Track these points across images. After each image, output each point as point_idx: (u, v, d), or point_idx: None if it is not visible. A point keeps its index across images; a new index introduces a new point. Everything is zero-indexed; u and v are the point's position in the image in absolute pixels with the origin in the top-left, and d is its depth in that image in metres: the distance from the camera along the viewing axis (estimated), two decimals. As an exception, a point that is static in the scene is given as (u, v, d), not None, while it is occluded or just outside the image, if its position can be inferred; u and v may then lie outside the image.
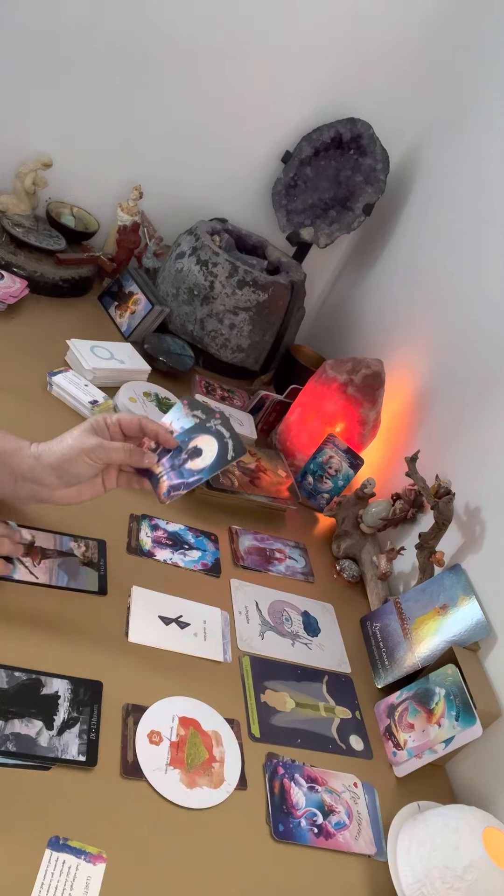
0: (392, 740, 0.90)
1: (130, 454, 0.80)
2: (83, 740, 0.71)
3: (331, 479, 1.26)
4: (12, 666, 0.74)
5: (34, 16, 1.30)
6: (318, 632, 1.02)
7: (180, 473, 0.83)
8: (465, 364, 1.18)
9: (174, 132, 1.48)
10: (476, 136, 1.31)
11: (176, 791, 0.72)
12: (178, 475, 0.83)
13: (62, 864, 0.62)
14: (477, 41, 1.38)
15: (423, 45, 1.46)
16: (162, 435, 0.83)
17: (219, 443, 0.83)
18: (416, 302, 1.38)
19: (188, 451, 0.83)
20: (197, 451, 0.83)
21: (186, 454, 0.83)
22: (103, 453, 0.78)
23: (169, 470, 0.83)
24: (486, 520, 1.01)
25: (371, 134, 1.45)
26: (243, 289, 1.35)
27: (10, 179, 1.40)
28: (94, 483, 0.81)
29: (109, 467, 0.81)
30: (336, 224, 1.52)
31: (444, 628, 0.96)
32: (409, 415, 1.29)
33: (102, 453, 0.78)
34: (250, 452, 1.23)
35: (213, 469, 0.82)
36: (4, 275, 1.29)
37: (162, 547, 1.00)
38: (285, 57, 1.43)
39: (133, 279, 1.42)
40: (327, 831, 0.77)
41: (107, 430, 0.81)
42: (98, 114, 1.43)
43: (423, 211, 1.44)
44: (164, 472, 0.83)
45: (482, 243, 1.22)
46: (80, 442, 0.78)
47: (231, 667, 0.89)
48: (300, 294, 1.46)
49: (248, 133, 1.51)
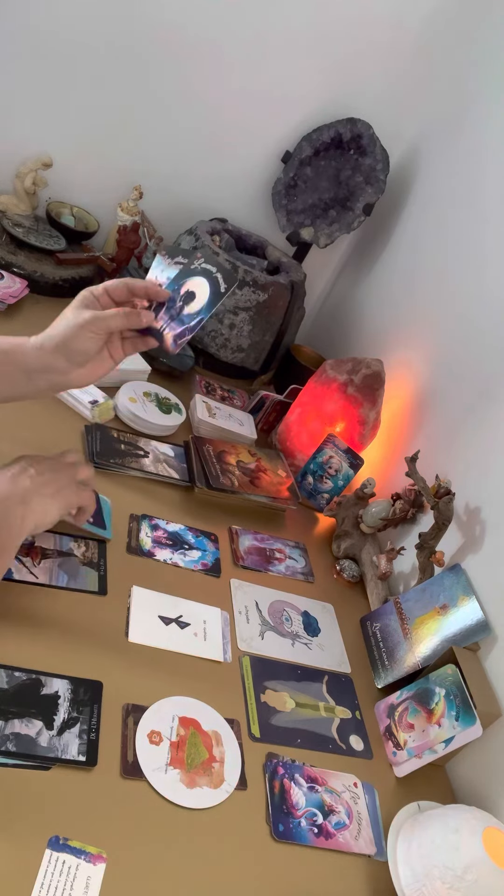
0: (392, 740, 0.90)
1: (127, 317, 0.80)
2: (83, 740, 0.71)
3: (331, 479, 1.26)
4: (12, 666, 0.74)
5: (34, 16, 1.30)
6: (318, 632, 1.02)
7: (181, 321, 0.83)
8: (465, 364, 1.18)
9: (174, 132, 1.48)
10: (476, 136, 1.31)
11: (176, 791, 0.72)
12: (179, 323, 0.83)
13: (62, 864, 0.62)
14: (477, 41, 1.38)
15: (423, 45, 1.46)
16: (151, 289, 0.83)
17: (208, 280, 0.83)
18: (416, 302, 1.38)
19: (181, 297, 0.83)
20: (190, 295, 0.83)
21: (181, 301, 0.83)
22: (101, 322, 0.78)
23: (169, 322, 0.84)
24: (486, 520, 1.01)
25: (371, 134, 1.45)
26: (243, 289, 1.35)
27: (10, 179, 1.40)
28: (102, 357, 0.81)
29: (112, 337, 0.82)
30: (336, 224, 1.52)
31: (444, 628, 0.96)
32: (409, 415, 1.29)
33: (100, 322, 0.78)
34: (250, 452, 1.23)
35: (211, 306, 0.83)
36: (4, 275, 1.29)
37: (162, 547, 1.00)
38: (285, 57, 1.43)
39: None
40: (327, 831, 0.77)
41: (97, 302, 0.81)
42: (98, 114, 1.43)
43: (423, 211, 1.44)
44: (164, 326, 0.84)
45: (482, 243, 1.22)
46: (77, 318, 0.78)
47: (231, 667, 0.89)
48: (300, 294, 1.46)
49: (248, 133, 1.51)
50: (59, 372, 0.79)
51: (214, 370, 1.45)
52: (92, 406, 1.12)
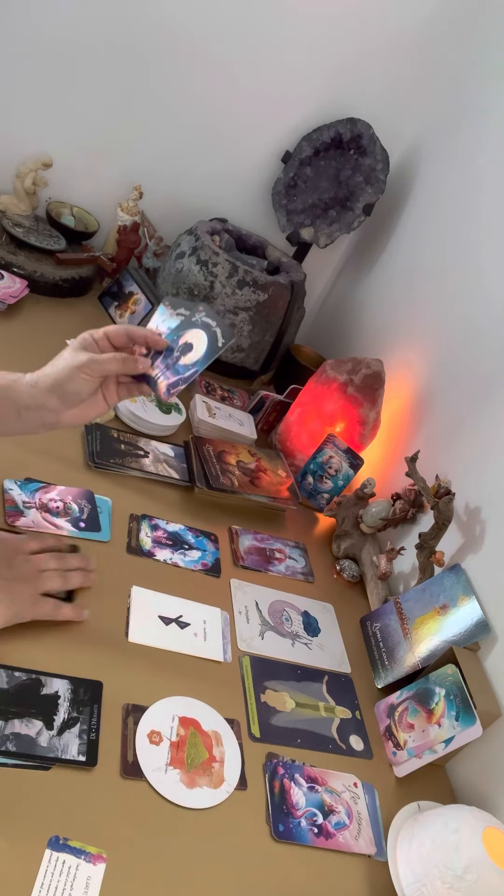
0: (392, 740, 0.90)
1: (123, 362, 0.80)
2: (83, 740, 0.71)
3: (331, 479, 1.26)
4: (12, 666, 0.74)
5: (34, 16, 1.30)
6: (318, 632, 1.02)
7: (176, 370, 0.84)
8: (465, 364, 1.18)
9: (174, 132, 1.48)
10: (476, 136, 1.31)
11: (176, 791, 0.72)
12: (174, 372, 0.84)
13: (62, 864, 0.62)
14: (477, 41, 1.38)
15: (423, 44, 1.45)
16: (150, 338, 0.83)
17: (207, 333, 0.84)
18: (416, 302, 1.38)
19: (179, 348, 0.84)
20: (188, 347, 0.84)
21: (178, 351, 0.84)
22: (97, 366, 0.78)
23: (164, 370, 0.84)
24: (486, 520, 1.01)
25: (371, 134, 1.45)
26: (243, 289, 1.35)
27: (10, 179, 1.40)
28: (96, 399, 0.81)
29: (107, 381, 0.82)
30: (336, 224, 1.52)
31: (444, 628, 0.96)
32: (409, 415, 1.29)
33: (96, 366, 0.78)
34: (250, 452, 1.23)
35: (207, 359, 0.84)
36: (4, 275, 1.29)
37: (162, 547, 1.00)
38: (285, 57, 1.43)
39: (133, 279, 1.42)
40: (327, 831, 0.77)
41: (96, 345, 0.81)
42: (98, 114, 1.43)
43: (423, 211, 1.44)
44: (159, 374, 0.84)
45: (482, 243, 1.22)
46: (73, 360, 0.78)
47: (231, 667, 0.89)
48: (300, 294, 1.46)
49: (248, 133, 1.51)
50: (51, 411, 0.79)
51: (214, 370, 1.45)
52: (92, 406, 1.12)
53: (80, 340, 0.81)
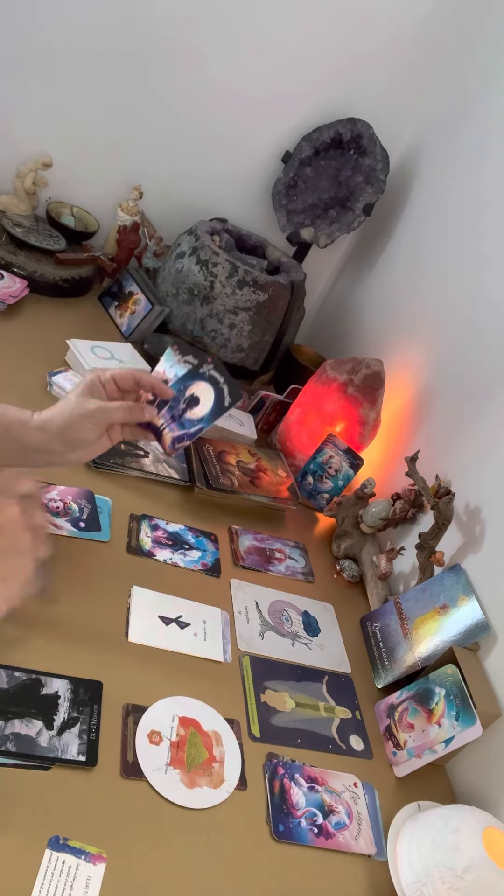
0: (392, 740, 0.90)
1: (130, 411, 0.81)
2: (83, 740, 0.71)
3: (331, 479, 1.26)
4: (12, 666, 0.74)
5: (35, 16, 1.30)
6: (318, 632, 1.02)
7: (181, 424, 0.84)
8: (465, 364, 1.18)
9: (174, 132, 1.48)
10: (476, 136, 1.31)
11: (176, 791, 0.72)
12: (180, 426, 0.84)
13: (62, 864, 0.62)
14: (477, 41, 1.38)
15: (423, 44, 1.45)
16: (157, 387, 0.83)
17: (214, 389, 0.84)
18: (417, 302, 1.38)
19: (186, 399, 0.84)
20: (194, 400, 0.84)
21: (185, 403, 0.84)
22: (104, 415, 0.79)
23: (170, 421, 0.84)
24: (486, 520, 1.01)
25: (371, 134, 1.45)
26: (243, 289, 1.35)
27: (10, 179, 1.40)
28: (100, 442, 0.82)
29: (113, 424, 0.83)
30: (336, 224, 1.52)
31: (444, 628, 0.96)
32: (409, 415, 1.29)
33: (103, 416, 0.79)
34: (250, 452, 1.23)
35: (213, 417, 0.83)
36: (4, 275, 1.29)
37: (162, 547, 1.00)
38: (285, 57, 1.43)
39: (133, 279, 1.42)
40: (327, 831, 0.77)
41: (103, 389, 0.81)
42: (98, 114, 1.43)
43: (423, 211, 1.44)
44: (165, 425, 0.84)
45: (482, 243, 1.22)
46: (81, 408, 0.79)
47: (231, 667, 0.89)
48: (300, 294, 1.46)
49: (247, 133, 1.51)
50: (57, 454, 0.80)
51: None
52: (92, 406, 1.12)
53: (88, 384, 0.81)
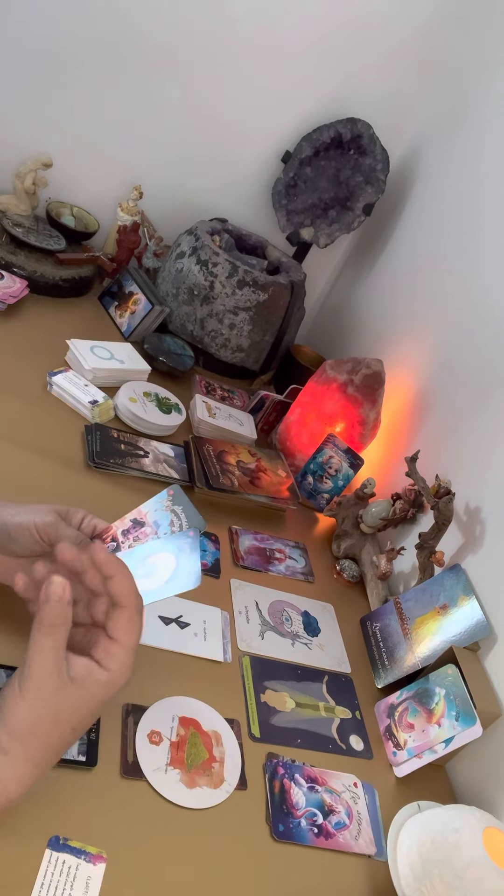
0: (392, 740, 0.90)
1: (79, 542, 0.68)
2: (83, 740, 0.71)
3: (331, 479, 1.26)
4: (12, 666, 0.74)
5: (35, 17, 1.30)
6: (318, 632, 1.02)
7: None
8: (465, 364, 1.18)
9: (174, 132, 1.48)
10: (476, 136, 1.31)
11: (176, 791, 0.72)
12: None
13: (62, 864, 0.62)
14: (477, 41, 1.38)
15: (423, 45, 1.45)
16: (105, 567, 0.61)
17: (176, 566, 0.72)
18: (416, 302, 1.38)
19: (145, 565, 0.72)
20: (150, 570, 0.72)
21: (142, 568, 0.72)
22: (52, 531, 0.67)
23: None
24: (486, 520, 1.01)
25: (371, 134, 1.45)
26: (243, 289, 1.35)
27: (10, 179, 1.40)
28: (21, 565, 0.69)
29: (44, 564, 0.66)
30: (336, 224, 1.52)
31: (444, 628, 0.96)
32: (409, 415, 1.29)
33: (51, 531, 0.67)
34: (250, 452, 1.23)
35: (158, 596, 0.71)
36: (4, 275, 1.29)
37: (162, 547, 1.00)
38: (285, 57, 1.43)
39: (133, 279, 1.42)
40: (327, 831, 0.77)
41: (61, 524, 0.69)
42: (98, 114, 1.43)
43: (423, 211, 1.44)
44: None
45: (482, 243, 1.22)
46: (38, 515, 0.69)
47: (231, 667, 0.89)
48: (300, 294, 1.46)
49: (248, 133, 1.51)
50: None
51: (214, 370, 1.45)
52: (92, 406, 1.12)
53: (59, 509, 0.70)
